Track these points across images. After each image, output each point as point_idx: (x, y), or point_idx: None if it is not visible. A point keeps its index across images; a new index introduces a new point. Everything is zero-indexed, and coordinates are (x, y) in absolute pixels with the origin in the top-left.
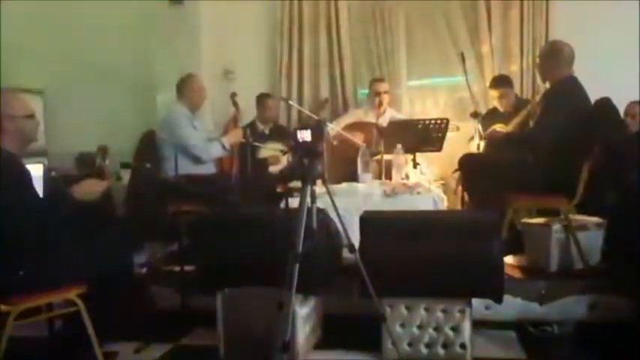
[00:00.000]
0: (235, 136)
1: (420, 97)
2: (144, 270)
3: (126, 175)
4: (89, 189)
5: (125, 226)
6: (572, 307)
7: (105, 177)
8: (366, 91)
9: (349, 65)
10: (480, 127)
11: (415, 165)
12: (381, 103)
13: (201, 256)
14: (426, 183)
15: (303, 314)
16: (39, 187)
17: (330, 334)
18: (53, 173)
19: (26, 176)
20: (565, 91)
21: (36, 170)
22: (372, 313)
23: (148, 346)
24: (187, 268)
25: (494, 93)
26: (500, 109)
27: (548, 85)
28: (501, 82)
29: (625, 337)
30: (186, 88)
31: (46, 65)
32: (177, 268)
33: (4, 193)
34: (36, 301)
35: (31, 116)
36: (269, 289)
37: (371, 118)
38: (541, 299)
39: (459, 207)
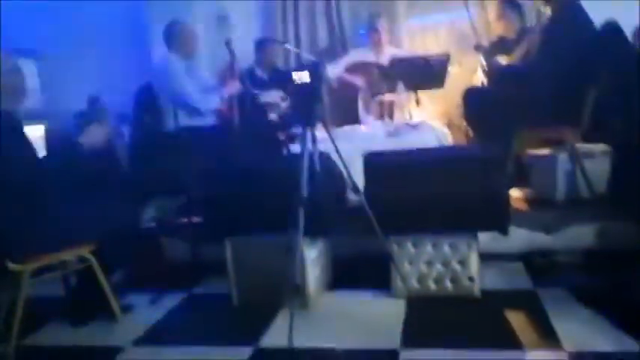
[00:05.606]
0: (233, 87)
1: (420, 34)
2: (153, 224)
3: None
4: (94, 135)
5: (129, 180)
6: (580, 235)
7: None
8: (365, 31)
9: (347, 5)
10: (483, 60)
11: (418, 103)
12: (379, 40)
13: (208, 206)
14: (429, 120)
15: (312, 257)
16: (41, 148)
17: (340, 275)
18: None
19: (26, 135)
20: (567, 17)
21: (37, 131)
22: (381, 252)
23: (163, 296)
24: (196, 219)
25: (495, 11)
26: (498, 30)
27: (549, 10)
28: (504, 1)
29: (633, 264)
30: (174, 37)
31: (38, 24)
32: (185, 220)
33: (10, 151)
34: (48, 260)
35: (18, 70)
36: (277, 235)
37: (371, 57)
38: (548, 228)
39: (463, 142)
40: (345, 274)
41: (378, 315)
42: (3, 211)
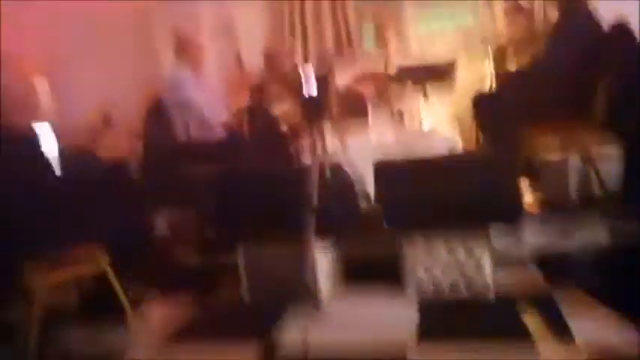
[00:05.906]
0: (242, 98)
1: (428, 40)
2: (166, 232)
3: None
4: (110, 146)
5: (143, 190)
6: (594, 235)
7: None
8: (372, 41)
9: (353, 15)
10: (492, 64)
11: (425, 95)
12: (387, 49)
13: (220, 214)
14: (439, 127)
15: (325, 262)
16: (54, 161)
17: (352, 278)
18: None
19: (41, 148)
20: (575, 18)
21: (50, 144)
22: (394, 256)
23: (176, 303)
24: (208, 227)
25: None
26: (507, 33)
27: (557, 11)
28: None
29: None
30: (181, 49)
31: (45, 39)
32: (198, 228)
33: (25, 164)
34: (64, 275)
35: (31, 85)
36: (289, 241)
37: (379, 66)
38: (561, 230)
39: (473, 147)
40: (357, 277)
41: (391, 318)
42: (17, 223)
